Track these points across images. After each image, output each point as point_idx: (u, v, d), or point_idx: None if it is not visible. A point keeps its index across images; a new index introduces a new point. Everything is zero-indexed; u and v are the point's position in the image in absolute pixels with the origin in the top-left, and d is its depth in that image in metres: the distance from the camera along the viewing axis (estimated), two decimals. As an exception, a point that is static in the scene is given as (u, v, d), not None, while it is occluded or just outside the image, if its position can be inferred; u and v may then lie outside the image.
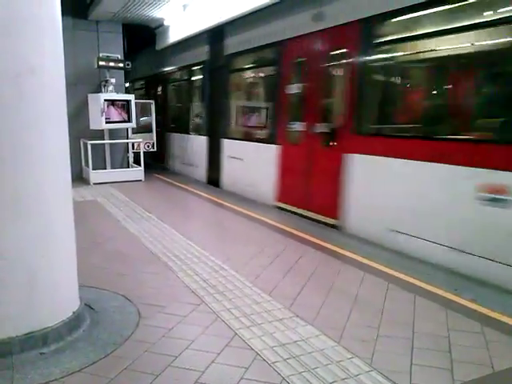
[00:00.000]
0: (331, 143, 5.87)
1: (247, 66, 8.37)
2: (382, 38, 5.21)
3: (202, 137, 9.56)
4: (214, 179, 9.06)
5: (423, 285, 3.89)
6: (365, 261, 4.51)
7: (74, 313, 3.04)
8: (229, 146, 8.45)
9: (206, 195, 7.96)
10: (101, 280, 3.93)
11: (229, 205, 7.11)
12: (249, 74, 8.45)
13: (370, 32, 5.23)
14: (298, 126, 6.56)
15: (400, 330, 3.13)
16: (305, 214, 6.40)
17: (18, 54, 2.58)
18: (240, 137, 8.29)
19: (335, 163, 5.71)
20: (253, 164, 7.69)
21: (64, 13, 2.99)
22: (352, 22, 5.44)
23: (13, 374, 2.54)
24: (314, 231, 5.59)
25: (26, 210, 2.71)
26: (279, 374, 2.57)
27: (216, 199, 7.55)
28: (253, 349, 2.84)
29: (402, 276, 4.09)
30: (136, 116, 9.67)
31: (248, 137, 8.02)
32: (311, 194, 6.34)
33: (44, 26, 2.71)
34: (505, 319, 3.29)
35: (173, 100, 12.16)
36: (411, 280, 4.00)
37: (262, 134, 7.65)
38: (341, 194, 5.68)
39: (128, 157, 10.28)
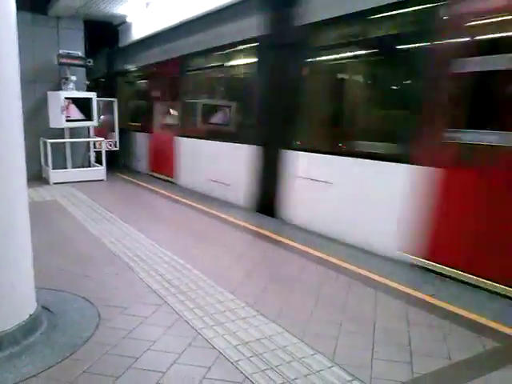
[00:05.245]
0: (170, 131, 9.37)
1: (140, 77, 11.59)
2: (188, 67, 8.86)
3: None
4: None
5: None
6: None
7: (30, 316, 2.93)
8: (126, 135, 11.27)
9: (168, 194, 7.89)
10: (60, 282, 3.83)
11: (186, 201, 7.07)
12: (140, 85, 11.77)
13: (184, 63, 8.85)
14: (158, 120, 10.12)
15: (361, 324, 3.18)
16: (163, 178, 9.66)
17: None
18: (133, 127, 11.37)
19: (171, 143, 9.12)
20: (139, 146, 10.99)
21: (22, 7, 2.89)
22: (178, 56, 8.90)
23: (-36, 381, 2.44)
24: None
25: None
26: (242, 372, 2.57)
27: (172, 195, 7.50)
28: (215, 348, 2.83)
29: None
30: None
31: (136, 128, 11.12)
32: (162, 164, 9.73)
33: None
34: (462, 312, 3.39)
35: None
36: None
37: (139, 126, 11.02)
38: (175, 162, 9.08)
39: (89, 156, 10.06)
